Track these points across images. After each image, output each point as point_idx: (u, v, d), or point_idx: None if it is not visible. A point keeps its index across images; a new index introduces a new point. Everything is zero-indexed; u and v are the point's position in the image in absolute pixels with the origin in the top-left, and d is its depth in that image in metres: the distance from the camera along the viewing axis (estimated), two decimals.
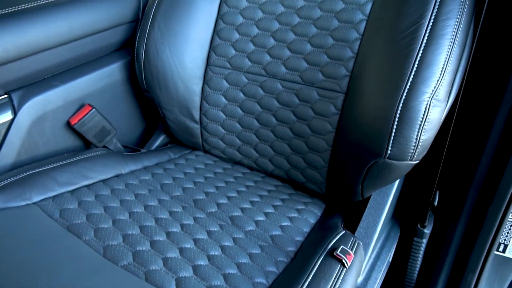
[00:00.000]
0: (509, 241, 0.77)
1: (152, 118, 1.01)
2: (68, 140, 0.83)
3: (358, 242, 0.65)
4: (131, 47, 0.92)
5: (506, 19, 0.68)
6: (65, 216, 0.64)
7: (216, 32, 0.83)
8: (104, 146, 0.87)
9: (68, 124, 0.81)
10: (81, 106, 0.82)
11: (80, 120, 0.80)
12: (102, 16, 0.82)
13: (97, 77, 0.84)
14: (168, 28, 0.82)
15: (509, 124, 0.67)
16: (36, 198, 0.67)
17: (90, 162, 0.77)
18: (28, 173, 0.70)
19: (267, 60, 0.79)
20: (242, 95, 0.82)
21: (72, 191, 0.70)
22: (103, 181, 0.75)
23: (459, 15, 0.61)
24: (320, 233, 0.69)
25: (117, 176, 0.78)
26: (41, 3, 0.73)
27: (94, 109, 0.82)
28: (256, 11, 0.80)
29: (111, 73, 0.86)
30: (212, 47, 0.84)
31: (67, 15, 0.75)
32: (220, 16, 0.83)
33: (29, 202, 0.66)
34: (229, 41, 0.82)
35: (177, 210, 0.71)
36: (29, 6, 0.72)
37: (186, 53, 0.83)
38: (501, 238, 0.75)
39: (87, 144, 0.87)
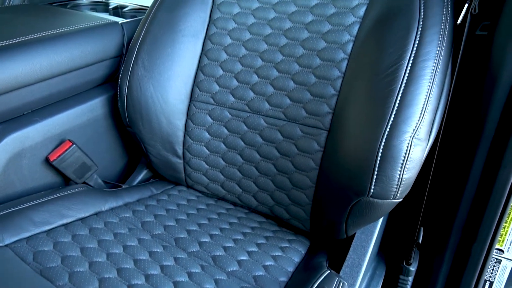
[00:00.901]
0: (494, 278, 0.76)
1: (134, 153, 0.99)
2: (47, 177, 0.80)
3: (343, 283, 0.64)
4: (114, 82, 0.91)
5: (482, 59, 0.70)
6: (39, 259, 0.61)
7: (200, 68, 0.84)
8: (84, 182, 0.85)
9: (47, 161, 0.79)
10: (61, 142, 0.81)
11: (59, 156, 0.78)
12: (85, 52, 0.81)
13: (79, 112, 0.83)
14: (151, 64, 0.82)
15: (490, 161, 0.68)
16: (9, 240, 0.64)
17: (68, 200, 0.75)
18: (2, 212, 0.67)
19: (250, 97, 0.79)
20: (225, 130, 0.82)
21: (48, 231, 0.68)
22: (82, 219, 0.73)
23: (437, 56, 0.62)
24: (304, 274, 0.67)
25: (97, 214, 0.76)
26: (23, 39, 0.73)
27: (74, 145, 0.80)
28: (240, 48, 0.81)
29: (93, 108, 0.85)
30: (196, 83, 0.84)
31: (50, 51, 0.75)
32: (204, 52, 0.83)
33: (1, 244, 0.63)
34: (213, 77, 0.82)
35: (158, 250, 0.68)
36: (11, 42, 0.71)
37: (170, 89, 0.83)
38: (486, 275, 0.75)
39: (66, 181, 0.84)
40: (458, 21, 0.65)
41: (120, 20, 0.92)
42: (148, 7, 1.08)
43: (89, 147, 0.85)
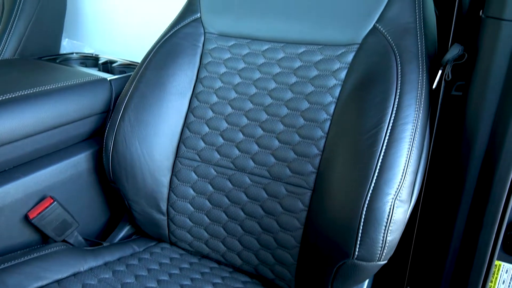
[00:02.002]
0: None
1: (116, 209, 0.98)
2: (24, 235, 0.78)
3: None
4: (99, 137, 0.92)
5: (458, 119, 0.73)
6: None
7: (186, 125, 0.85)
8: (64, 240, 0.82)
9: (26, 218, 0.77)
10: (42, 198, 0.79)
11: (39, 213, 0.77)
12: (73, 108, 0.82)
13: (62, 167, 0.82)
14: (138, 120, 0.83)
15: (471, 220, 0.69)
16: None
17: (45, 260, 0.72)
18: None
19: (235, 154, 0.80)
20: (210, 187, 0.82)
21: None
22: (58, 281, 0.70)
23: (415, 120, 0.65)
24: None
25: (74, 275, 0.73)
26: (9, 97, 0.73)
27: (55, 202, 0.79)
28: (226, 106, 0.82)
29: (77, 163, 0.85)
30: (182, 139, 0.85)
31: (36, 108, 0.75)
32: (190, 110, 0.85)
33: None
34: (199, 134, 0.83)
35: None
36: None
37: (156, 145, 0.83)
38: None
39: (44, 239, 0.82)
40: (433, 86, 0.68)
41: (108, 76, 0.94)
42: (137, 63, 1.11)
43: (70, 203, 0.84)
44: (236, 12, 0.85)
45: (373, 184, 0.61)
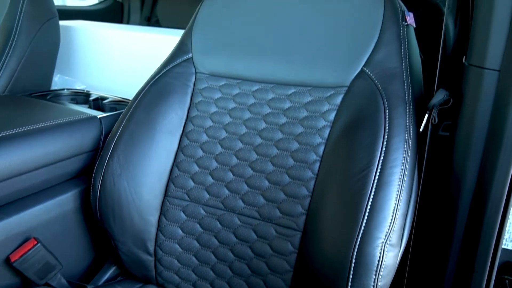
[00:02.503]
0: None
1: (101, 249, 0.95)
2: (4, 279, 0.75)
3: None
4: (86, 175, 0.90)
5: (446, 159, 0.74)
6: None
7: (176, 164, 0.84)
8: (46, 283, 0.79)
9: (7, 261, 0.74)
10: (25, 240, 0.77)
11: (21, 256, 0.74)
12: (61, 147, 0.81)
13: (47, 207, 0.80)
14: (127, 160, 0.82)
15: (462, 264, 0.68)
16: None
17: None
18: None
19: (225, 194, 0.79)
20: (199, 227, 0.80)
21: None
22: None
23: (403, 162, 0.65)
24: None
25: None
26: None
27: (39, 244, 0.77)
28: (216, 146, 0.82)
29: (63, 202, 0.83)
30: (171, 178, 0.84)
31: (24, 148, 0.74)
32: (180, 148, 0.85)
33: None
34: (188, 173, 0.83)
35: None
36: None
37: (144, 184, 0.82)
38: None
39: (26, 282, 0.79)
40: (421, 129, 0.69)
41: (99, 114, 0.94)
42: (128, 99, 1.12)
43: (54, 244, 0.81)
44: (227, 53, 0.86)
45: (363, 228, 0.61)
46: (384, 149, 0.65)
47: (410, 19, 0.77)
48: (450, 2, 0.78)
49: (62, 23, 1.45)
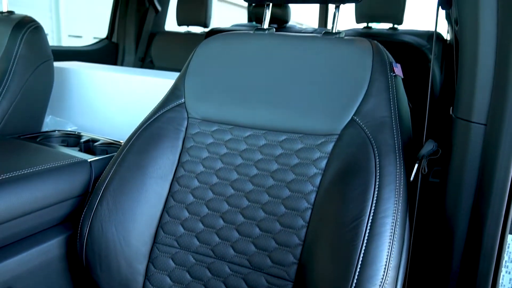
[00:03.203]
0: None
1: None
2: None
3: None
4: (71, 221, 0.88)
5: (437, 207, 0.74)
6: None
7: (166, 209, 0.83)
8: None
9: None
10: None
11: None
12: (49, 193, 0.80)
13: (31, 256, 0.78)
14: (116, 205, 0.81)
15: None
16: None
17: None
18: None
19: (215, 241, 0.78)
20: (188, 276, 0.78)
21: None
22: None
23: (395, 212, 0.65)
24: None
25: None
26: None
27: None
28: (207, 192, 0.82)
29: (47, 250, 0.81)
30: (160, 224, 0.82)
31: (10, 194, 0.73)
32: (171, 194, 0.84)
33: None
34: (178, 219, 0.81)
35: None
36: None
37: (133, 231, 0.81)
38: None
39: None
40: (411, 179, 0.70)
41: (89, 158, 0.93)
42: (120, 142, 1.12)
43: None
44: (219, 98, 0.88)
45: (355, 281, 0.60)
46: (375, 198, 0.66)
47: (398, 70, 0.79)
48: (435, 49, 0.81)
49: (56, 64, 1.47)
